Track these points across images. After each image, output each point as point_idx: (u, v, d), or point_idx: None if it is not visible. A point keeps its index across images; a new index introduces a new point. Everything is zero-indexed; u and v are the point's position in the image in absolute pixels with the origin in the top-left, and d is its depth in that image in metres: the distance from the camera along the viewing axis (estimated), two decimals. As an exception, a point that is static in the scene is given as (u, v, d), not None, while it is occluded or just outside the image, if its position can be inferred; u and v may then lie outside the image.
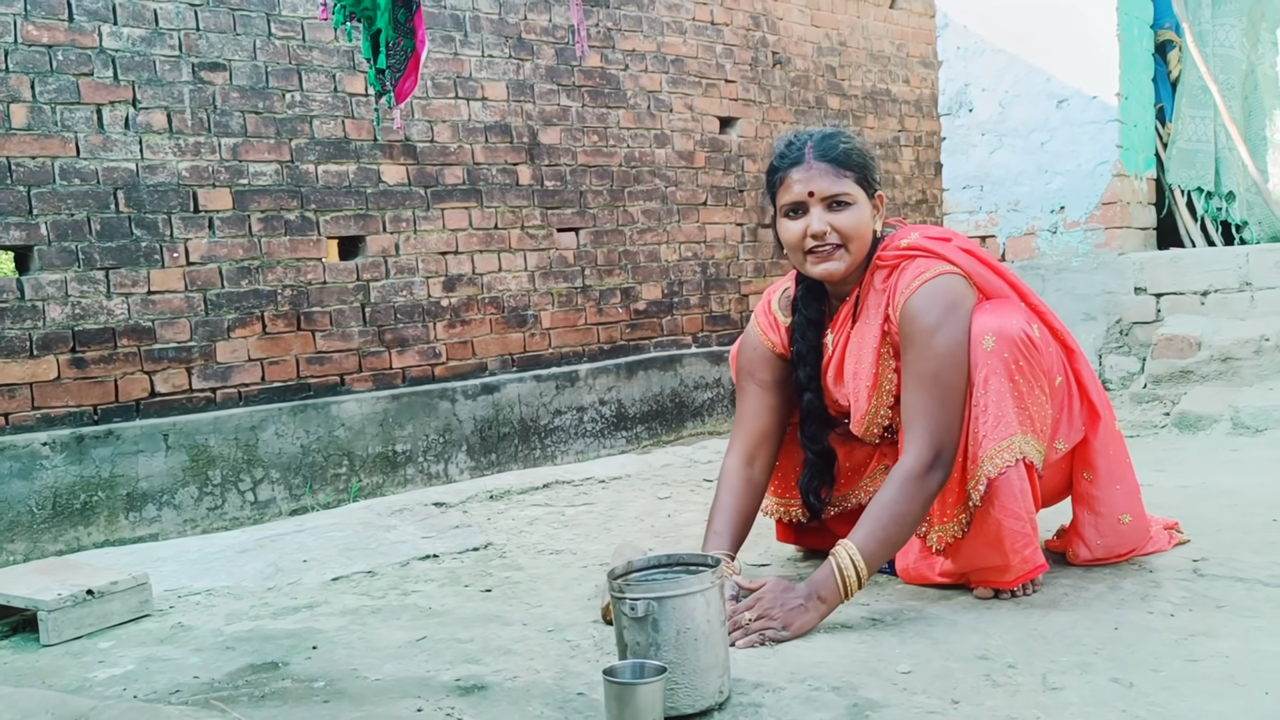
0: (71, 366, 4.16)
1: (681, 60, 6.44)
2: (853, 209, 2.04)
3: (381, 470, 4.92)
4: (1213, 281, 4.31)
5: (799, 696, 1.62)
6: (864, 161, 2.07)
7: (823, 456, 2.24)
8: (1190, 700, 1.54)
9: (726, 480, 2.22)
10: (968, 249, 2.09)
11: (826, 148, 2.06)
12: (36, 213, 4.09)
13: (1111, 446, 2.13)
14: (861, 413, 2.14)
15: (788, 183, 2.06)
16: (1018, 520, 1.95)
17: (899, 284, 2.04)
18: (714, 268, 6.61)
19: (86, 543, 4.04)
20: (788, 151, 2.09)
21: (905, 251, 2.07)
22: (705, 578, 1.61)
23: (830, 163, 2.04)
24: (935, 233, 2.11)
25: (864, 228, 2.06)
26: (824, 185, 2.03)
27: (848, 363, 2.15)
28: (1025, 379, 1.95)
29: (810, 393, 2.20)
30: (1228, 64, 4.82)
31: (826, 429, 2.23)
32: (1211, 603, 1.95)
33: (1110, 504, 2.13)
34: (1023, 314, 2.00)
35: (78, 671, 1.93)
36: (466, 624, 2.07)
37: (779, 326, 2.26)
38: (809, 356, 2.19)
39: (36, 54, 4.08)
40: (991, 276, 2.07)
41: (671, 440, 6.07)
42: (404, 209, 5.13)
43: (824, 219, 2.03)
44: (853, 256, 2.06)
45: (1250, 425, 3.63)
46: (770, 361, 2.25)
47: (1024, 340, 1.95)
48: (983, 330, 1.96)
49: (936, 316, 1.97)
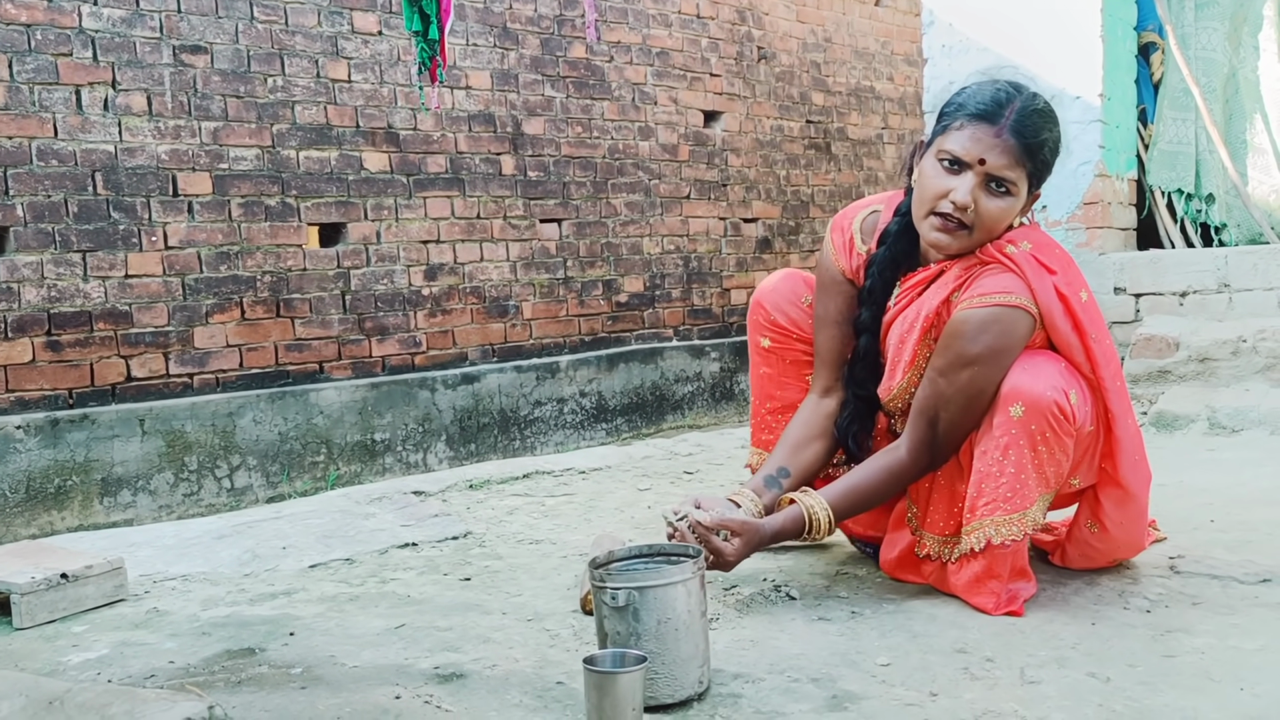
0: (47, 349, 4.12)
1: (667, 53, 6.43)
2: (1009, 199, 1.86)
3: (360, 459, 4.90)
4: (1191, 283, 4.34)
5: (778, 688, 1.62)
6: (1050, 159, 1.89)
7: (867, 402, 2.10)
8: (1166, 695, 1.55)
9: (800, 413, 2.12)
10: (1063, 294, 1.87)
11: (1027, 127, 1.84)
12: (13, 194, 4.04)
13: (1130, 519, 2.01)
14: (893, 384, 2.01)
15: (964, 132, 1.84)
16: (999, 581, 1.91)
17: (977, 281, 1.89)
18: (696, 261, 6.61)
19: (60, 527, 4.00)
20: (986, 99, 1.86)
21: (1004, 259, 1.88)
22: (686, 568, 1.61)
23: (1021, 143, 1.83)
24: (1048, 255, 1.89)
25: (1006, 222, 1.88)
26: (1000, 162, 1.83)
27: (896, 328, 2.01)
28: (1049, 448, 1.84)
29: (869, 334, 2.05)
30: (1210, 67, 4.85)
31: (875, 377, 2.08)
32: (1188, 600, 1.96)
33: (1107, 555, 2.09)
34: (1058, 375, 1.84)
35: (51, 655, 1.90)
36: (445, 612, 2.06)
37: (853, 251, 2.08)
38: (879, 296, 2.03)
39: (15, 33, 4.03)
40: (1067, 330, 1.88)
41: (651, 433, 6.07)
42: (386, 197, 5.10)
43: (975, 193, 1.84)
44: (973, 242, 1.89)
45: (1227, 425, 3.67)
46: (842, 290, 2.09)
47: (1055, 413, 1.81)
48: (1014, 394, 1.82)
49: (979, 350, 1.84)
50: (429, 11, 3.27)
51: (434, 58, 3.36)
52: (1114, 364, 1.93)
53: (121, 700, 1.28)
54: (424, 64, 3.35)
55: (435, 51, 3.33)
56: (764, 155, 7.04)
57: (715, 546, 1.87)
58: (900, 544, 2.11)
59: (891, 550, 2.12)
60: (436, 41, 3.28)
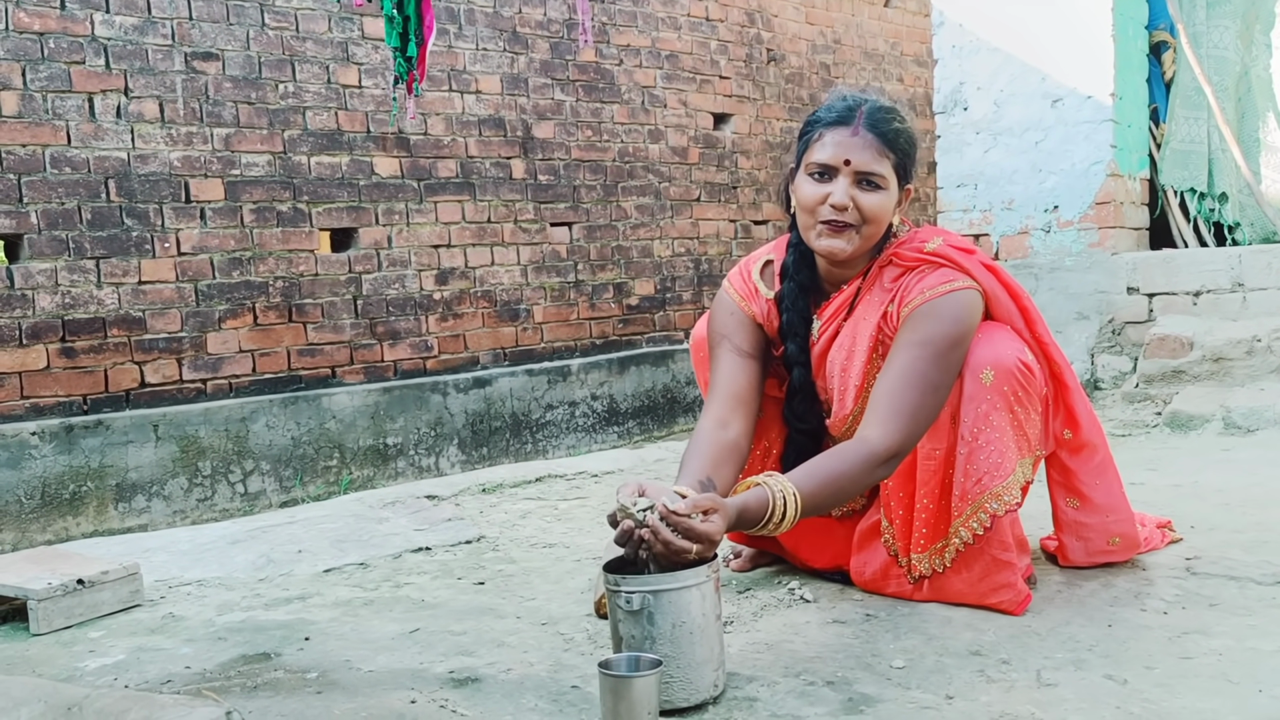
0: (61, 356, 4.14)
1: (676, 56, 6.43)
2: (882, 193, 1.92)
3: (372, 463, 4.91)
4: (1205, 282, 4.32)
5: (794, 691, 1.61)
6: (909, 148, 1.96)
7: (810, 436, 2.09)
8: (1184, 698, 1.55)
9: (696, 440, 1.94)
10: (989, 265, 1.99)
11: (879, 119, 1.92)
12: (27, 201, 4.06)
13: (1099, 475, 2.07)
14: (846, 413, 2.01)
15: (824, 141, 1.92)
16: (1007, 551, 1.91)
17: (917, 285, 1.92)
18: (706, 264, 6.60)
19: (75, 533, 4.02)
20: (837, 107, 1.95)
21: (928, 257, 1.94)
22: (701, 571, 1.60)
23: (878, 136, 1.91)
24: (959, 242, 1.99)
25: (885, 215, 1.93)
26: (863, 159, 1.89)
27: (833, 356, 2.03)
28: (1023, 406, 1.91)
29: (800, 366, 2.04)
30: (1222, 65, 4.83)
31: (814, 406, 2.08)
32: (1204, 601, 1.95)
33: (1101, 530, 2.09)
34: (1012, 340, 1.93)
35: (68, 661, 1.91)
36: (459, 616, 2.06)
37: (758, 297, 2.09)
38: (799, 328, 2.04)
39: (28, 41, 4.05)
40: (1006, 299, 1.98)
41: (663, 436, 6.07)
42: (397, 202, 5.11)
43: (850, 193, 1.90)
44: (863, 240, 1.93)
45: (1242, 425, 3.65)
46: (749, 328, 2.07)
47: (1020, 369, 1.89)
48: (980, 363, 1.89)
49: (949, 330, 1.87)
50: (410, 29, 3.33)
51: (410, 72, 3.43)
52: (1043, 322, 2.04)
53: (140, 706, 1.29)
54: (401, 77, 3.41)
55: (413, 66, 3.40)
56: (774, 157, 7.03)
57: (700, 531, 1.59)
58: (875, 561, 2.06)
59: (866, 568, 2.07)
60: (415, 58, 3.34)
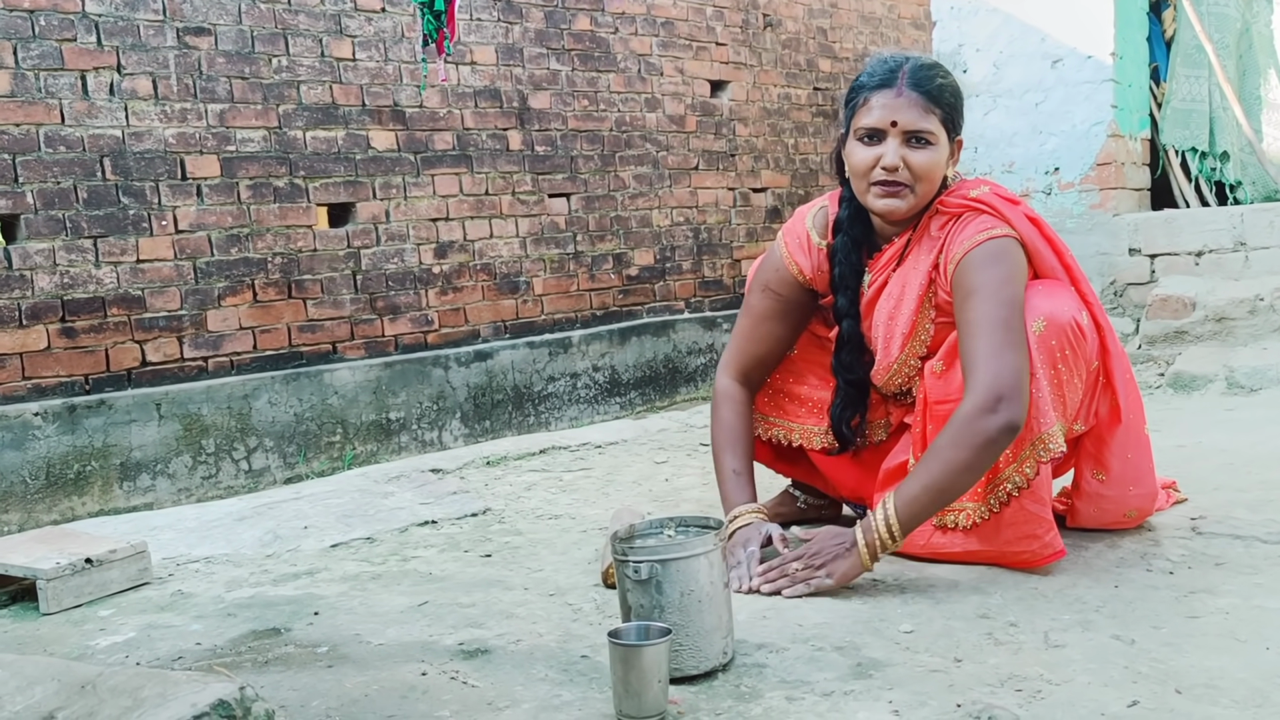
0: (61, 336, 4.13)
1: (672, 23, 6.38)
2: (932, 149, 1.93)
3: (376, 438, 4.91)
4: (1207, 242, 4.31)
5: (802, 657, 1.62)
6: (955, 101, 1.96)
7: (857, 386, 2.13)
8: (1191, 656, 1.55)
9: (731, 405, 2.16)
10: (1033, 218, 1.98)
11: (921, 78, 1.93)
12: (22, 181, 4.04)
13: (1132, 450, 2.03)
14: (890, 360, 2.04)
15: (870, 105, 1.94)
16: (1043, 506, 1.90)
17: (959, 235, 1.94)
18: (706, 233, 6.58)
19: (81, 512, 4.03)
20: (879, 71, 1.95)
21: (972, 203, 1.95)
22: (708, 539, 1.61)
23: (922, 94, 1.92)
24: (1005, 193, 1.99)
25: (938, 171, 1.95)
26: (910, 118, 1.91)
27: (881, 306, 2.05)
28: (1068, 367, 1.89)
29: (850, 319, 2.08)
30: (1222, 23, 4.79)
31: (861, 358, 2.11)
32: (1210, 560, 1.96)
33: (1120, 502, 2.07)
34: (1073, 300, 1.92)
35: (79, 639, 1.92)
36: (467, 589, 2.07)
37: (810, 248, 2.12)
38: (850, 280, 2.07)
39: (18, 19, 4.02)
40: (1049, 253, 1.97)
41: (665, 406, 6.07)
42: (394, 175, 5.09)
43: (900, 153, 1.91)
44: (918, 198, 1.95)
45: (1245, 385, 3.64)
46: (789, 286, 2.14)
47: (1074, 328, 1.88)
48: (1034, 312, 1.87)
49: (993, 273, 1.87)
50: None
51: (440, 30, 3.26)
52: (1088, 280, 2.03)
53: (153, 683, 1.29)
54: (430, 36, 3.25)
55: (442, 24, 3.23)
56: (772, 124, 6.99)
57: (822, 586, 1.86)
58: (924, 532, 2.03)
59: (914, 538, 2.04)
60: (444, 13, 3.18)
